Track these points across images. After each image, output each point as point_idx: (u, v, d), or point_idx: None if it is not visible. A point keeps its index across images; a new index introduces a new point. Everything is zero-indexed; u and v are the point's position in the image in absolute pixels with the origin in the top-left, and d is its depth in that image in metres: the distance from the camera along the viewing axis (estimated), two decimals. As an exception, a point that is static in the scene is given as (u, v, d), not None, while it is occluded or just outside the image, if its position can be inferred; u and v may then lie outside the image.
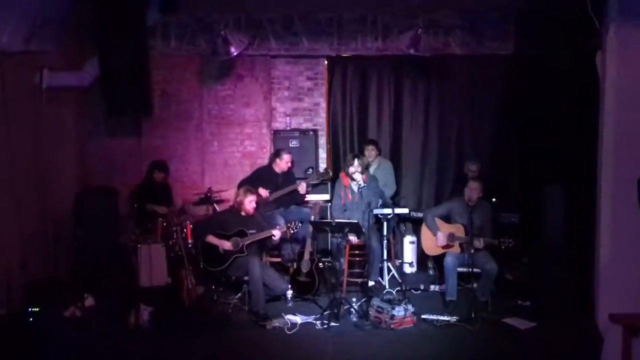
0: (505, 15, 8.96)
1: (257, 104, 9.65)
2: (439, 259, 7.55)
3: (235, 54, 8.24)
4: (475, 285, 7.06)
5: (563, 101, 7.31)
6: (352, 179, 7.86)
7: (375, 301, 6.74)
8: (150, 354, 6.23)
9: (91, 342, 6.27)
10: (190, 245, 8.04)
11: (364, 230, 7.28)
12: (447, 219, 7.47)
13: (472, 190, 7.22)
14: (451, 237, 7.28)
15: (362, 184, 7.74)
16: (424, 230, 7.63)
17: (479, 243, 6.96)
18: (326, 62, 9.56)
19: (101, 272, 7.65)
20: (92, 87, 8.39)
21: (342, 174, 8.14)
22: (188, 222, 8.29)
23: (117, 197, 8.32)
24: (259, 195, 7.66)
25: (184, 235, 8.06)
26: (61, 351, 6.06)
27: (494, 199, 7.85)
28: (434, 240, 7.44)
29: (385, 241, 7.94)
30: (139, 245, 7.48)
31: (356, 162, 7.83)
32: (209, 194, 8.67)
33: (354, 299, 7.16)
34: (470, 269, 6.89)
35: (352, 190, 7.92)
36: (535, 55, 8.19)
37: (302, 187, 8.32)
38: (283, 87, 9.65)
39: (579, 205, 7.01)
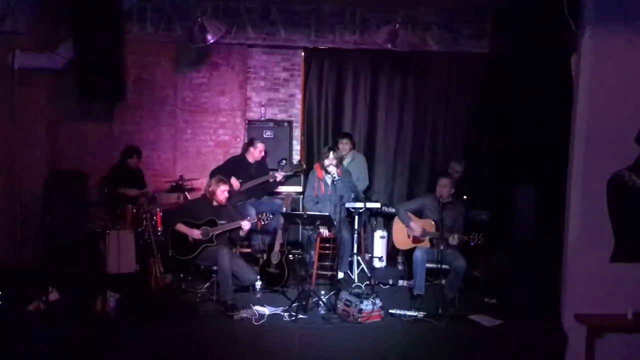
0: (483, 14, 9.05)
1: (232, 93, 9.62)
2: (408, 256, 7.57)
3: (211, 41, 8.17)
4: (443, 281, 7.10)
5: (537, 102, 7.34)
6: (327, 172, 7.85)
7: (344, 294, 6.74)
8: (116, 341, 6.17)
9: (56, 331, 6.18)
10: (159, 233, 7.99)
11: (335, 223, 7.28)
12: (419, 214, 7.50)
13: (443, 187, 7.27)
14: (422, 232, 7.31)
15: (337, 177, 7.73)
16: (396, 224, 7.66)
17: (452, 240, 6.99)
18: (303, 54, 9.55)
19: (69, 258, 7.56)
20: (65, 70, 8.28)
21: (316, 166, 8.12)
22: (158, 209, 8.23)
23: (87, 181, 8.21)
24: (230, 185, 7.63)
25: (153, 222, 8.01)
26: (25, 344, 6.00)
27: (465, 196, 7.91)
28: (405, 234, 7.48)
29: (356, 235, 7.95)
30: (107, 231, 7.42)
31: (332, 155, 7.82)
32: (180, 182, 8.62)
33: (322, 292, 7.17)
34: (439, 265, 6.92)
35: (326, 183, 7.91)
36: (511, 55, 8.22)
37: (279, 175, 8.31)
38: (259, 77, 9.62)
39: (549, 205, 7.07)
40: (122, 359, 6.09)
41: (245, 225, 7.23)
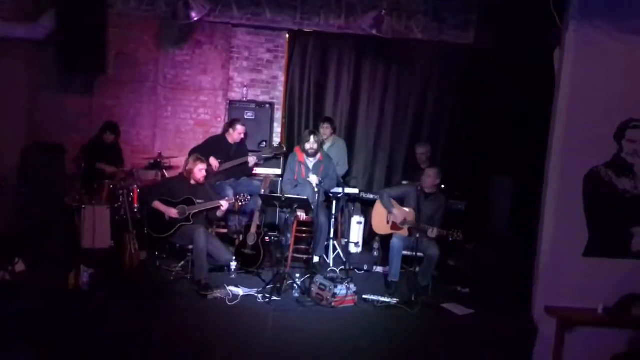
0: (468, 5, 9.05)
1: (215, 72, 9.55)
2: (385, 241, 7.61)
3: (195, 19, 8.09)
4: (417, 269, 7.15)
5: (519, 94, 7.39)
6: (308, 155, 7.84)
7: (318, 278, 6.76)
8: (88, 316, 6.13)
9: (25, 303, 6.13)
10: (136, 210, 7.93)
11: (313, 207, 7.28)
12: (400, 201, 7.53)
13: (429, 176, 7.30)
14: (403, 220, 7.34)
15: (318, 182, 7.68)
16: (376, 208, 7.69)
17: (432, 232, 7.02)
18: (287, 36, 9.49)
19: (44, 231, 7.50)
20: (46, 40, 8.17)
21: (297, 149, 8.09)
22: (135, 186, 8.18)
23: (64, 154, 8.14)
24: (209, 165, 7.59)
25: (130, 199, 7.94)
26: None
27: (442, 186, 7.94)
28: (384, 219, 7.51)
29: (333, 219, 7.97)
30: (83, 206, 7.36)
31: (312, 138, 7.81)
32: (158, 160, 8.56)
33: (297, 275, 7.18)
34: (415, 253, 6.96)
35: (307, 167, 7.89)
36: (495, 46, 8.25)
37: (251, 160, 8.30)
38: (242, 57, 9.56)
39: (526, 198, 7.12)
40: (92, 334, 6.03)
41: (224, 204, 7.22)
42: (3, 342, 5.55)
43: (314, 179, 7.71)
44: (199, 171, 7.26)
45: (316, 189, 7.62)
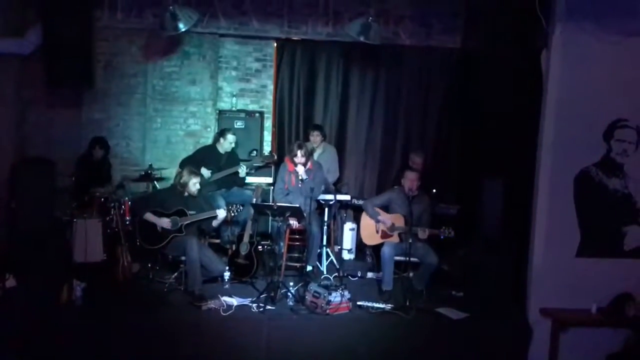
0: (455, 9, 9.08)
1: (203, 83, 9.57)
2: (376, 248, 7.60)
3: (183, 30, 8.07)
4: (411, 274, 7.15)
5: (507, 97, 7.42)
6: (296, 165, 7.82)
7: (312, 286, 6.75)
8: (82, 330, 6.11)
9: (17, 319, 6.10)
10: (127, 222, 7.92)
11: (305, 215, 7.28)
12: (386, 208, 7.53)
13: (411, 181, 7.30)
14: (391, 226, 7.34)
15: (305, 177, 7.66)
16: (363, 220, 7.68)
17: (423, 233, 7.02)
18: (275, 45, 9.51)
19: (35, 246, 7.45)
20: (33, 55, 8.13)
21: (286, 159, 8.06)
22: (126, 198, 8.16)
23: (54, 169, 8.09)
24: (201, 177, 7.55)
25: (121, 211, 7.93)
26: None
27: (434, 190, 7.95)
28: (373, 229, 7.51)
29: (325, 227, 7.96)
30: (74, 220, 7.33)
31: (299, 152, 7.69)
32: (149, 171, 8.54)
33: (291, 283, 7.15)
34: (408, 258, 6.95)
35: (297, 175, 7.88)
36: (482, 49, 8.29)
37: (241, 170, 8.31)
38: (230, 67, 9.58)
39: (517, 200, 7.13)
40: (87, 348, 6.01)
41: (221, 213, 7.21)
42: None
43: (300, 169, 7.66)
44: (193, 184, 7.25)
45: (301, 178, 7.63)
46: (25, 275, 6.74)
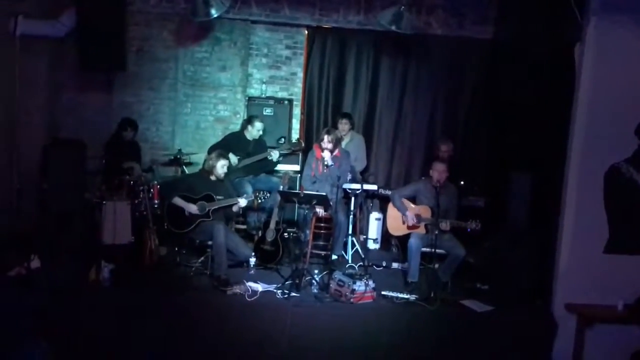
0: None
1: (234, 69, 9.59)
2: (403, 240, 7.59)
3: (215, 16, 8.11)
4: (437, 265, 7.13)
5: (539, 90, 7.35)
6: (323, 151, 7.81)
7: (337, 274, 6.77)
8: (108, 311, 6.20)
9: (42, 298, 6.18)
10: (156, 206, 7.99)
11: (331, 203, 7.28)
12: (413, 199, 7.52)
13: (439, 172, 7.25)
14: (417, 217, 7.33)
15: (330, 163, 7.65)
16: (390, 210, 7.67)
17: (445, 225, 7.00)
18: (306, 32, 9.49)
19: (64, 227, 7.55)
20: (67, 38, 8.23)
21: (315, 146, 8.07)
22: (155, 182, 8.23)
23: (85, 151, 8.18)
24: (229, 161, 7.60)
25: (150, 194, 8.01)
26: (11, 309, 6.02)
27: (462, 182, 7.92)
28: (399, 220, 7.50)
29: (351, 216, 7.97)
30: (104, 202, 7.40)
31: (326, 138, 7.73)
32: (178, 156, 8.61)
33: (316, 271, 7.19)
34: (434, 250, 6.94)
35: (324, 162, 7.88)
36: (514, 41, 8.20)
37: (275, 154, 8.34)
38: (261, 54, 9.57)
39: (546, 194, 7.08)
40: (112, 330, 6.10)
41: (242, 202, 7.25)
42: (19, 337, 5.60)
43: (327, 155, 7.66)
44: (221, 167, 7.31)
45: (327, 164, 7.62)
46: (54, 256, 6.85)
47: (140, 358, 6.12)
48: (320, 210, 7.68)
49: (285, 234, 7.74)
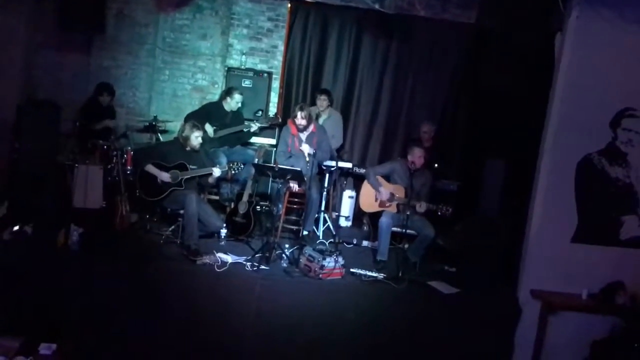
0: (473, -16, 8.98)
1: (214, 38, 9.52)
2: (374, 218, 7.63)
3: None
4: (406, 245, 7.18)
5: (518, 78, 7.38)
6: (299, 130, 7.79)
7: (307, 250, 6.79)
8: (75, 275, 6.16)
9: (13, 259, 6.17)
10: (128, 172, 7.94)
11: (305, 179, 7.29)
12: (387, 178, 7.55)
13: (418, 157, 7.27)
14: (391, 196, 7.36)
15: (312, 152, 7.60)
16: (364, 187, 7.71)
17: (420, 207, 7.04)
18: (289, 5, 9.42)
19: (35, 188, 7.48)
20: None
21: (289, 121, 8.03)
22: (129, 148, 8.16)
23: (59, 113, 8.09)
24: (204, 132, 7.55)
25: (123, 160, 7.95)
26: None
27: (436, 165, 7.95)
28: (372, 197, 7.53)
29: (325, 192, 7.98)
30: (76, 165, 7.33)
31: (299, 114, 7.69)
32: (154, 123, 8.54)
33: (286, 245, 7.21)
34: (404, 230, 6.99)
35: (300, 139, 7.87)
36: (496, 28, 8.22)
37: (254, 126, 8.32)
38: (242, 25, 9.49)
39: (518, 182, 7.14)
40: (78, 294, 6.07)
41: (216, 172, 7.22)
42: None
43: (306, 148, 7.68)
44: (195, 138, 7.26)
45: (308, 159, 7.60)
46: (24, 217, 6.78)
47: (106, 324, 6.09)
48: (294, 185, 7.68)
49: (258, 207, 7.75)
